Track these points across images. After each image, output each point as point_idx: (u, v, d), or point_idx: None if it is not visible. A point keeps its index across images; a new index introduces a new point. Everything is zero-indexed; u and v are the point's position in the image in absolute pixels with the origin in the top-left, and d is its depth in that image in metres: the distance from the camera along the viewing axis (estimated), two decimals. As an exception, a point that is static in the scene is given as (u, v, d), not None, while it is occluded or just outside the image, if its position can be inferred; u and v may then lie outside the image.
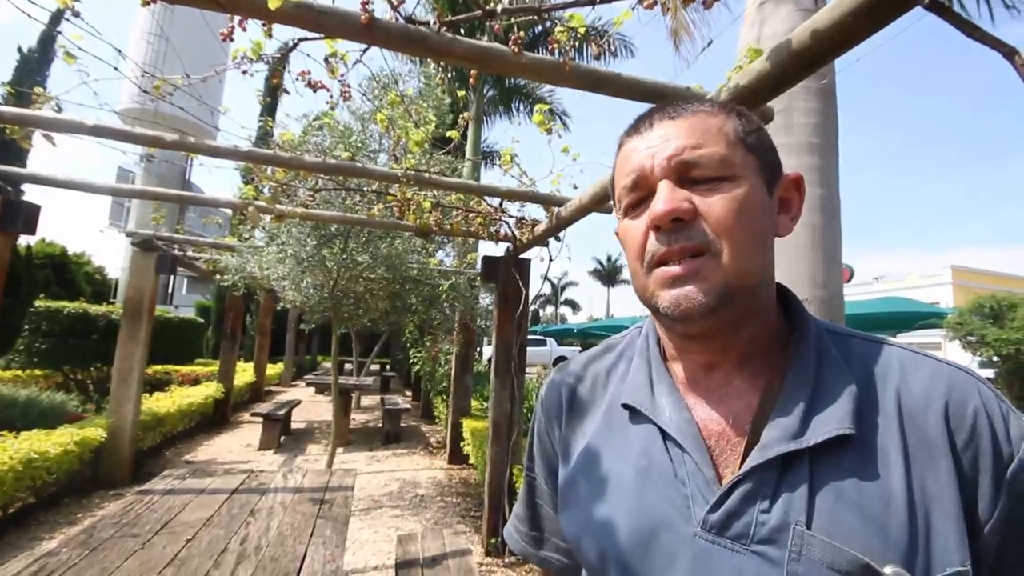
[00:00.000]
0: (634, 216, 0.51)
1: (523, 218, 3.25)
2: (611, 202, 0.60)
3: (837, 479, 0.42)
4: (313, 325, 5.46)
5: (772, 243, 0.50)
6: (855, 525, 0.40)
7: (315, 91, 1.81)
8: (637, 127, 0.52)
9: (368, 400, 10.05)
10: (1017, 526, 0.41)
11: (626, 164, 0.51)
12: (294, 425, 7.15)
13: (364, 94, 3.06)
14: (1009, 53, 0.88)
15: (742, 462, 0.45)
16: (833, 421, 0.43)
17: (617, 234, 0.59)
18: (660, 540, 0.46)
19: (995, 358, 10.40)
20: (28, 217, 2.82)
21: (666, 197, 0.46)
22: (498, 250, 3.73)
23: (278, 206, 3.09)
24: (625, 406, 0.54)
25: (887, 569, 0.38)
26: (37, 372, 6.73)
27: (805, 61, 1.12)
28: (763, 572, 0.41)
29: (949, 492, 0.40)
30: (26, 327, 6.67)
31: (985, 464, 0.41)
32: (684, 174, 0.48)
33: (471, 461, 5.03)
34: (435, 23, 1.34)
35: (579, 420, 0.60)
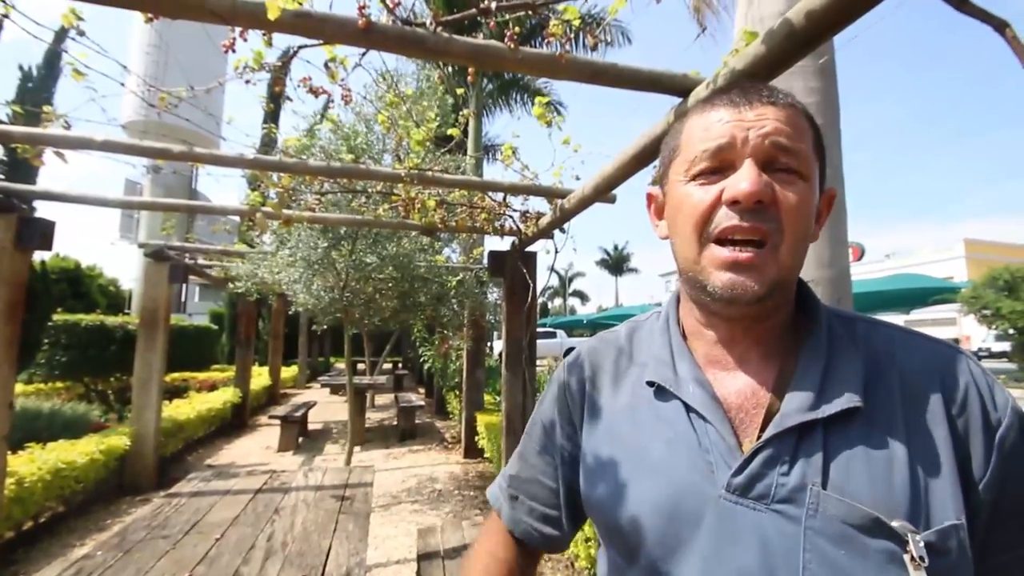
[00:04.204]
0: (703, 183, 0.51)
1: (527, 211, 3.27)
2: (657, 166, 0.61)
3: (848, 446, 0.46)
4: (325, 327, 5.53)
5: None
6: (865, 486, 0.44)
7: (316, 96, 1.84)
8: (729, 99, 0.52)
9: (382, 399, 10.15)
10: (1007, 480, 0.46)
11: (710, 130, 0.51)
12: (311, 426, 7.26)
13: (366, 97, 3.08)
14: (1000, 26, 0.88)
15: (761, 431, 0.49)
16: (844, 395, 0.47)
17: (651, 196, 0.62)
18: (686, 503, 0.49)
19: (1011, 331, 10.27)
20: (44, 233, 2.88)
21: (754, 178, 0.48)
22: (504, 244, 3.76)
23: (285, 211, 3.13)
24: (649, 383, 0.57)
25: (894, 522, 0.42)
26: (58, 384, 6.88)
27: (801, 42, 1.12)
28: (782, 528, 0.45)
29: (945, 455, 0.45)
30: (45, 341, 6.81)
31: (976, 428, 0.46)
32: (772, 158, 0.49)
33: (487, 455, 5.09)
34: (431, 24, 1.36)
35: (604, 395, 0.62)
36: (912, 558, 0.41)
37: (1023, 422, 0.47)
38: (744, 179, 0.48)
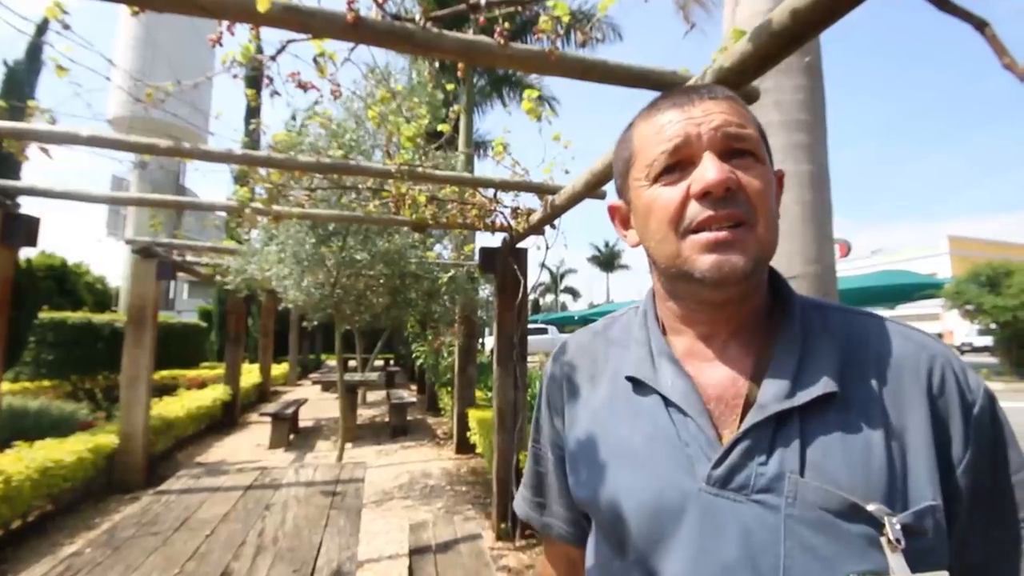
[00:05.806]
0: (667, 183, 0.52)
1: (518, 208, 3.28)
2: (614, 178, 0.62)
3: (825, 433, 0.47)
4: (316, 324, 5.51)
5: None
6: (841, 471, 0.45)
7: (305, 91, 1.83)
8: (672, 102, 0.54)
9: (374, 395, 10.12)
10: (980, 459, 0.47)
11: (663, 132, 0.53)
12: (302, 423, 7.23)
13: (355, 92, 3.07)
14: (980, 25, 0.90)
15: (740, 422, 0.49)
16: (819, 382, 0.48)
17: (613, 208, 0.62)
18: (668, 498, 0.50)
19: (993, 325, 10.45)
20: (29, 230, 2.85)
21: (719, 168, 0.49)
22: (495, 241, 3.76)
23: (275, 207, 3.11)
24: (629, 378, 0.57)
25: (870, 506, 0.43)
26: (45, 383, 6.79)
27: (786, 40, 1.14)
28: (763, 517, 0.45)
29: (923, 437, 0.46)
30: (32, 339, 6.72)
31: (954, 410, 0.47)
32: (726, 147, 0.51)
33: (478, 450, 5.10)
34: (421, 19, 1.36)
35: (583, 391, 0.63)
36: (889, 541, 0.41)
37: (993, 403, 0.49)
38: (710, 170, 0.49)
